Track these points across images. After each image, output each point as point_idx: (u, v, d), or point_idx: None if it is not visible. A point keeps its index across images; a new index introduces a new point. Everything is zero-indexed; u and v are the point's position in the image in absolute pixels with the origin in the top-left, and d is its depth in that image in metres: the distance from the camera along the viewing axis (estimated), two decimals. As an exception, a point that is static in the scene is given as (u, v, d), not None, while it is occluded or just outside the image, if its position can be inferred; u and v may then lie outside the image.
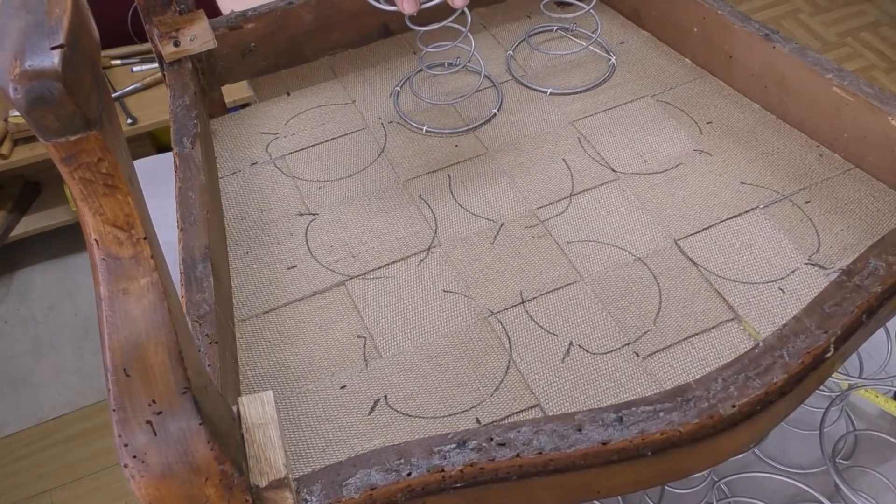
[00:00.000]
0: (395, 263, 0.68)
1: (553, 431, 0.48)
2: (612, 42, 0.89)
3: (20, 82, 0.29)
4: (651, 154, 0.76)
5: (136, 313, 0.36)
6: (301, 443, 0.56)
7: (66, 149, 0.32)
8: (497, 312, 0.64)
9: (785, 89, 0.76)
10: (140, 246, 0.36)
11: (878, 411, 0.79)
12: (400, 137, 0.80)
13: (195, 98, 0.76)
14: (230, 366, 0.58)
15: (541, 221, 0.71)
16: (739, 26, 0.78)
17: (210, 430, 0.37)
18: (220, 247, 0.68)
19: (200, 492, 0.38)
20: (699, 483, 0.74)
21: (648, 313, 0.63)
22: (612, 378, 0.59)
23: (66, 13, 0.31)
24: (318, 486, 0.46)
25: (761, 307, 0.62)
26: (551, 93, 0.83)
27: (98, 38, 0.34)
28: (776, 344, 0.52)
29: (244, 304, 0.66)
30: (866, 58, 2.48)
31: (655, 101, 0.82)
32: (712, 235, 0.68)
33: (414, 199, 0.74)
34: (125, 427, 0.36)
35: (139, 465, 0.37)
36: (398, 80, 0.86)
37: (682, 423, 0.48)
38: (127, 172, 0.34)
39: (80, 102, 0.30)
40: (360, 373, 0.60)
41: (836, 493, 0.72)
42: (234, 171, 0.78)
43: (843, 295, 0.54)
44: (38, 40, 0.30)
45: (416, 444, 0.48)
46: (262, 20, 0.84)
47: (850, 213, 0.69)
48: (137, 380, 0.36)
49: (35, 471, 1.67)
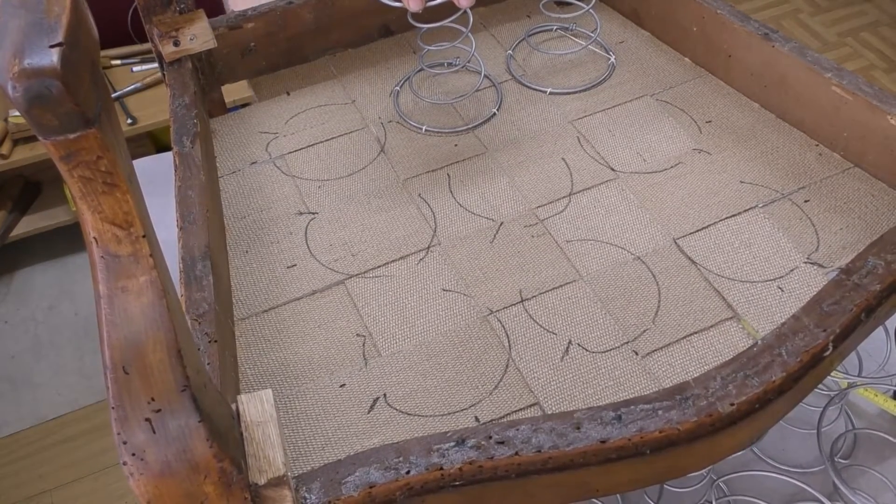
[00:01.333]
0: (394, 262, 0.68)
1: (552, 430, 0.48)
2: (612, 41, 0.89)
3: (19, 80, 0.30)
4: (650, 153, 0.76)
5: (135, 311, 0.36)
6: (300, 441, 0.56)
7: (65, 147, 0.32)
8: (496, 311, 0.64)
9: (784, 89, 0.76)
10: (139, 244, 0.36)
11: (878, 410, 0.79)
12: (399, 137, 0.80)
13: (195, 98, 0.76)
14: (229, 364, 0.58)
15: (540, 220, 0.71)
16: (739, 26, 0.78)
17: (209, 428, 0.38)
18: (220, 246, 0.68)
19: (199, 490, 0.38)
20: (698, 482, 0.74)
21: (647, 312, 0.63)
22: (610, 377, 0.59)
23: (65, 11, 0.31)
24: (317, 485, 0.46)
25: (760, 306, 0.62)
26: (551, 92, 0.84)
27: (97, 37, 0.34)
28: (775, 342, 0.52)
29: (244, 303, 0.66)
30: (866, 58, 2.48)
31: (655, 100, 0.82)
32: (711, 234, 0.68)
33: (413, 199, 0.74)
34: (124, 425, 0.36)
35: (138, 463, 0.37)
36: (398, 79, 0.87)
37: (681, 421, 0.48)
38: (126, 171, 0.34)
39: (79, 101, 0.31)
40: (360, 371, 0.60)
41: (834, 492, 0.72)
42: (233, 171, 0.78)
43: (841, 293, 0.54)
44: (36, 38, 0.30)
45: (415, 443, 0.48)
46: (262, 20, 0.84)
47: (849, 212, 0.69)
48: (136, 378, 0.36)
49: (35, 471, 1.67)
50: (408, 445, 0.48)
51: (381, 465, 0.47)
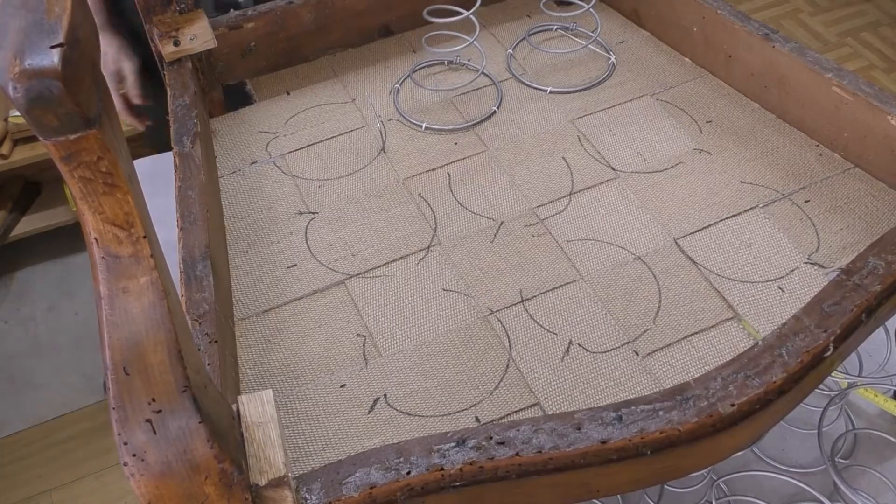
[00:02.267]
0: (394, 262, 0.68)
1: (552, 430, 0.48)
2: (612, 41, 0.89)
3: (20, 81, 0.29)
4: (651, 153, 0.76)
5: (135, 312, 0.36)
6: (301, 441, 0.56)
7: (65, 147, 0.32)
8: (496, 311, 0.64)
9: (785, 89, 0.76)
10: (139, 244, 0.36)
11: (878, 410, 0.79)
12: (399, 135, 0.80)
13: (195, 97, 0.76)
14: (230, 364, 0.58)
15: (540, 220, 0.71)
16: (739, 26, 0.78)
17: (209, 429, 0.38)
18: (220, 246, 0.68)
19: (200, 490, 0.38)
20: (698, 482, 0.74)
21: (648, 312, 0.63)
22: (611, 377, 0.59)
23: (66, 12, 0.31)
24: (318, 485, 0.46)
25: (761, 306, 0.62)
26: (551, 91, 0.84)
27: (98, 37, 0.34)
28: (775, 343, 0.52)
29: (244, 303, 0.66)
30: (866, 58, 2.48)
31: (655, 99, 0.82)
32: (712, 234, 0.68)
33: (413, 198, 0.74)
34: (125, 425, 0.36)
35: (139, 464, 0.37)
36: (398, 78, 0.87)
37: (682, 421, 0.48)
38: (126, 171, 0.34)
39: (80, 101, 0.31)
40: (360, 371, 0.60)
41: (835, 492, 0.72)
42: (233, 170, 0.78)
43: (842, 294, 0.54)
44: (37, 39, 0.30)
45: (416, 443, 0.48)
46: (262, 20, 0.84)
47: (849, 212, 0.69)
48: (137, 378, 0.36)
49: (35, 471, 1.67)
50: (408, 446, 0.48)
51: (382, 466, 0.47)
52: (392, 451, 0.47)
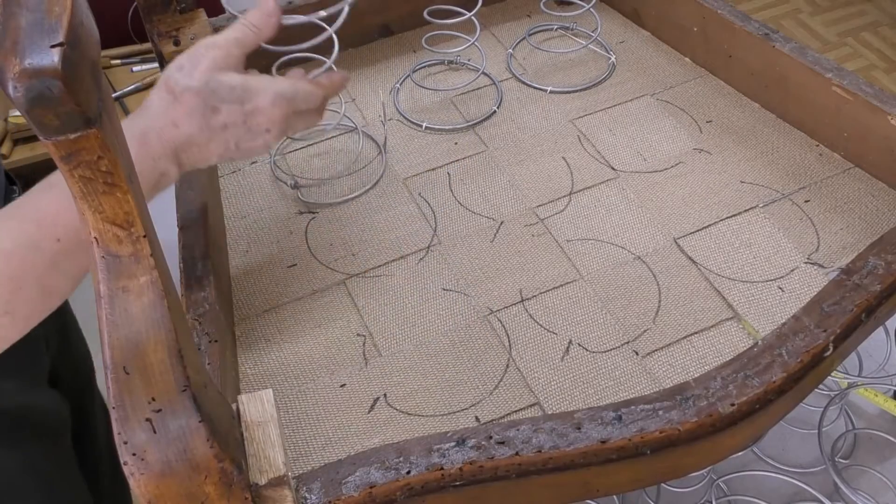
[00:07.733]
0: (394, 262, 0.68)
1: (552, 430, 0.48)
2: (612, 41, 0.89)
3: (20, 80, 0.30)
4: (651, 152, 0.76)
5: (135, 311, 0.36)
6: (300, 441, 0.56)
7: (65, 147, 0.32)
8: (496, 311, 0.64)
9: (785, 89, 0.76)
10: (139, 244, 0.36)
11: (878, 410, 0.79)
12: (399, 135, 0.80)
13: (195, 97, 0.76)
14: (230, 364, 0.58)
15: (540, 219, 0.71)
16: (739, 26, 0.78)
17: (209, 428, 0.38)
18: (220, 246, 0.68)
19: (200, 489, 0.38)
20: (698, 482, 0.74)
21: (648, 312, 0.63)
22: (611, 377, 0.59)
23: (66, 12, 0.31)
24: (318, 485, 0.46)
25: (760, 306, 0.62)
26: (551, 91, 0.84)
27: (98, 37, 0.34)
28: (775, 343, 0.52)
29: (244, 303, 0.66)
30: (866, 58, 2.48)
31: (655, 99, 0.82)
32: (712, 234, 0.68)
33: (413, 197, 0.74)
34: (125, 425, 0.36)
35: (139, 463, 0.37)
36: (398, 78, 0.87)
37: (681, 421, 0.48)
38: (126, 171, 0.34)
39: (80, 101, 0.31)
40: (360, 371, 0.60)
41: (835, 492, 0.72)
42: (234, 170, 0.78)
43: (842, 294, 0.54)
44: (37, 38, 0.30)
45: (416, 443, 0.48)
46: (262, 19, 0.84)
47: (849, 212, 0.69)
48: (137, 378, 0.36)
49: (35, 470, 1.66)
50: (408, 445, 0.48)
51: (382, 466, 0.47)
52: (392, 451, 0.47)
